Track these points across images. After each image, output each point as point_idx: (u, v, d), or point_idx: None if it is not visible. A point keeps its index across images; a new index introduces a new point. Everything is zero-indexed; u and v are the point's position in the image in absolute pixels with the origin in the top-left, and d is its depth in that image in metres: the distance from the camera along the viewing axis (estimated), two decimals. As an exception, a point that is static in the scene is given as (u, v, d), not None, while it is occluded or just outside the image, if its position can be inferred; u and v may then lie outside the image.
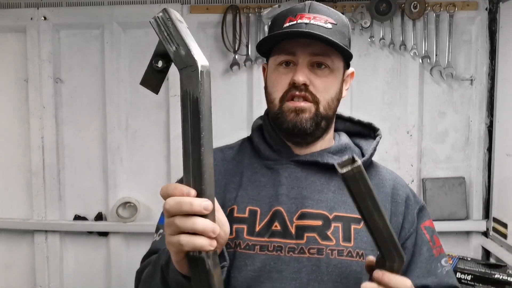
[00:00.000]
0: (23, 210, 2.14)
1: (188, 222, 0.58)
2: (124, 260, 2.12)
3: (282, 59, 0.91)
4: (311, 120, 0.90)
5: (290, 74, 0.90)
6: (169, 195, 0.60)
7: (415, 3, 1.91)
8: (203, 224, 0.59)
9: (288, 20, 0.92)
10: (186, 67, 0.58)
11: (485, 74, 1.98)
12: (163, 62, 0.61)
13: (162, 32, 0.60)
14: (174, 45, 0.59)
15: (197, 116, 0.57)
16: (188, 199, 0.58)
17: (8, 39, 2.09)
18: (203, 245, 0.59)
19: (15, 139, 2.13)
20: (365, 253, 0.89)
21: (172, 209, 0.59)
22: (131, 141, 2.09)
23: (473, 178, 2.01)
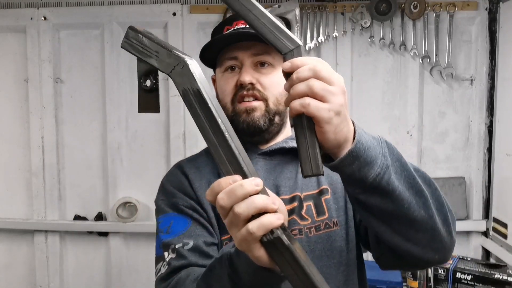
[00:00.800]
0: (23, 210, 2.15)
1: (247, 204, 0.55)
2: (124, 260, 2.12)
3: (227, 65, 0.96)
4: (263, 117, 0.93)
5: (236, 76, 0.94)
6: (217, 192, 0.57)
7: (415, 3, 1.91)
8: (261, 199, 0.56)
9: (226, 29, 0.97)
10: (174, 67, 0.58)
11: (485, 74, 1.98)
12: (150, 80, 0.62)
13: (138, 49, 0.59)
14: (154, 54, 0.58)
15: (206, 107, 0.57)
16: (238, 184, 0.56)
17: (8, 39, 2.09)
18: (272, 221, 0.56)
19: (15, 139, 2.13)
20: (338, 220, 0.93)
21: (226, 201, 0.56)
22: (131, 141, 2.09)
23: (473, 178, 2.01)
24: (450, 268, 1.69)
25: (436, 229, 0.72)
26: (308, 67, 0.61)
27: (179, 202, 0.94)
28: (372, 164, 0.65)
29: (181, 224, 0.91)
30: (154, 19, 2.01)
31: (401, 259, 0.77)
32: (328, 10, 1.95)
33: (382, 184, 0.66)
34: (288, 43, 0.62)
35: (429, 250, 0.74)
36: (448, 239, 0.75)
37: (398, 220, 0.71)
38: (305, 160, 0.60)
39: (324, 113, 0.59)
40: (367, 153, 0.64)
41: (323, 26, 1.96)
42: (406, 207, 0.69)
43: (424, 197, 0.71)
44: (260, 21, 0.62)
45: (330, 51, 1.99)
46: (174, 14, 2.00)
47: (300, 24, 1.94)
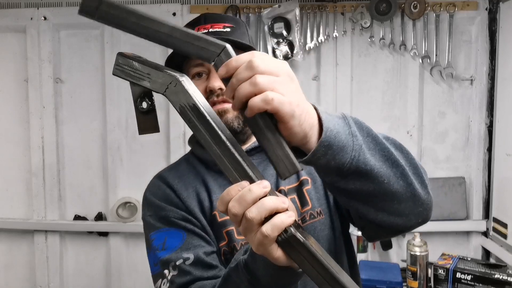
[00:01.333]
0: (23, 210, 2.15)
1: (257, 208, 0.56)
2: (124, 260, 2.12)
3: (193, 72, 0.95)
4: (236, 119, 0.93)
5: (204, 83, 0.93)
6: (228, 201, 0.57)
7: (415, 3, 1.91)
8: (271, 200, 0.56)
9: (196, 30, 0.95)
10: (168, 86, 0.58)
11: (485, 74, 1.98)
12: (146, 102, 0.61)
13: (129, 74, 0.60)
14: (146, 76, 0.59)
15: (204, 119, 0.58)
16: (246, 189, 0.56)
17: (8, 39, 2.09)
18: (283, 220, 0.56)
19: (15, 139, 2.13)
20: (322, 209, 0.93)
21: (237, 209, 0.56)
22: (131, 141, 2.09)
23: (473, 178, 2.01)
24: (450, 268, 1.69)
25: (416, 195, 0.71)
26: (245, 66, 0.55)
27: (170, 215, 0.91)
28: (345, 149, 0.62)
29: (176, 238, 0.89)
30: (154, 19, 2.01)
31: (384, 229, 0.76)
32: (328, 10, 1.95)
33: (359, 167, 0.64)
34: (212, 48, 0.58)
35: (412, 217, 0.73)
36: (428, 200, 0.73)
37: (380, 198, 0.69)
38: (277, 163, 0.57)
39: (287, 107, 0.55)
40: (338, 138, 0.61)
41: (323, 26, 1.96)
42: (386, 182, 0.67)
43: (400, 166, 0.69)
44: (173, 37, 0.58)
45: (330, 51, 1.99)
46: (174, 14, 2.00)
47: (300, 24, 1.94)
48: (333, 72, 1.99)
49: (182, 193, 0.94)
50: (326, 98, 1.98)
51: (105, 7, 0.57)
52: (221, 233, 0.92)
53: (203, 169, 0.98)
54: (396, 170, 0.68)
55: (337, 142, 0.61)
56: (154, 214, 0.94)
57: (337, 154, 0.61)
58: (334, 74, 1.99)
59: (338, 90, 1.99)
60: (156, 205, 0.94)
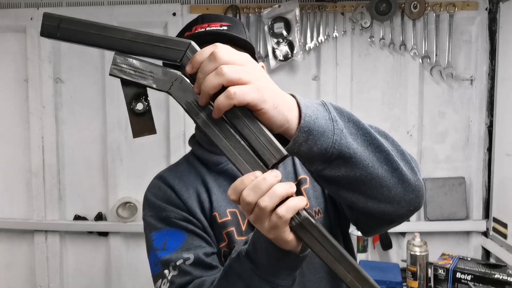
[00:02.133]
0: (23, 210, 2.14)
1: (270, 196, 0.57)
2: (124, 260, 2.12)
3: None
4: None
5: None
6: (241, 190, 0.58)
7: (415, 3, 1.91)
8: (282, 187, 0.58)
9: (186, 35, 0.94)
10: (172, 84, 0.58)
11: (485, 74, 1.98)
12: (142, 102, 0.60)
13: (129, 73, 0.59)
14: (148, 74, 0.58)
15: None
16: (260, 178, 0.57)
17: (8, 39, 2.09)
18: (297, 203, 0.58)
19: (15, 139, 2.13)
20: (320, 208, 0.93)
21: (252, 197, 0.57)
22: (131, 141, 2.09)
23: (473, 178, 2.01)
24: (450, 268, 1.69)
25: (405, 180, 0.70)
26: (208, 60, 0.54)
27: (170, 215, 0.91)
28: (326, 133, 0.61)
29: (177, 239, 0.89)
30: (154, 19, 2.02)
31: (377, 219, 0.75)
32: (328, 10, 1.95)
33: (342, 151, 0.63)
34: (177, 47, 0.57)
35: (403, 204, 0.72)
36: (419, 186, 0.72)
37: (367, 184, 0.68)
38: (262, 150, 0.57)
39: (253, 93, 0.54)
40: (317, 123, 0.61)
41: (323, 26, 1.96)
42: (371, 166, 0.66)
43: (385, 151, 0.68)
44: (139, 42, 0.57)
45: (330, 51, 1.99)
46: (174, 14, 2.00)
47: (300, 24, 1.94)
48: (333, 72, 1.99)
49: (183, 193, 0.93)
50: (326, 98, 1.95)
51: (65, 24, 0.56)
52: (221, 234, 0.92)
53: (204, 169, 0.98)
54: (379, 155, 0.67)
55: (317, 127, 0.60)
56: (155, 214, 0.94)
57: (318, 139, 0.61)
58: (334, 74, 1.99)
59: (338, 90, 1.99)
60: (157, 205, 0.94)
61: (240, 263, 0.72)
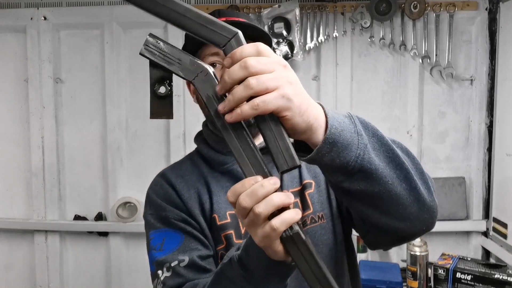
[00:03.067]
0: (23, 210, 2.15)
1: (266, 203, 0.57)
2: (124, 260, 2.12)
3: (209, 62, 0.91)
4: None
5: (218, 73, 0.90)
6: (240, 193, 0.59)
7: (415, 3, 1.91)
8: (279, 197, 0.58)
9: None
10: (197, 75, 0.59)
11: (485, 74, 1.98)
12: (165, 86, 0.61)
13: (157, 56, 0.60)
14: (176, 61, 0.59)
15: None
16: (258, 184, 0.58)
17: (8, 39, 2.09)
18: (293, 216, 0.58)
19: (15, 139, 2.13)
20: (324, 213, 0.92)
21: (247, 202, 0.58)
22: (131, 141, 2.09)
23: (473, 178, 2.01)
24: (450, 268, 1.69)
25: (421, 199, 0.70)
26: (239, 66, 0.55)
27: (170, 216, 0.91)
28: (350, 147, 0.62)
29: (174, 240, 0.89)
30: (154, 19, 1.98)
31: (388, 235, 0.76)
32: (328, 10, 1.95)
33: (364, 165, 0.63)
34: (224, 33, 0.57)
35: (416, 223, 0.72)
36: (433, 206, 0.72)
37: (385, 200, 0.68)
38: (277, 154, 0.57)
39: (277, 101, 0.55)
40: (342, 135, 0.61)
41: (323, 26, 1.96)
42: (390, 183, 0.66)
43: (405, 169, 0.68)
44: (187, 17, 0.57)
45: (330, 51, 1.99)
46: (174, 14, 1.99)
47: (300, 24, 1.94)
48: (333, 72, 1.99)
49: (184, 193, 0.93)
50: (326, 98, 1.98)
51: None
52: (219, 236, 0.91)
53: (207, 169, 0.98)
54: (400, 172, 0.68)
55: (342, 139, 0.61)
56: (155, 213, 0.94)
57: (341, 152, 0.61)
58: (334, 74, 1.99)
59: (338, 90, 1.99)
60: (157, 204, 0.94)
61: (232, 269, 0.72)
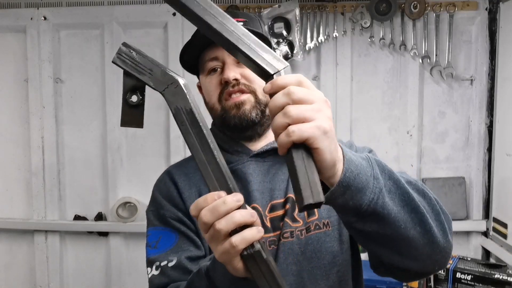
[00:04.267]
0: (23, 210, 2.14)
1: (226, 221, 0.57)
2: (124, 260, 2.12)
3: (209, 68, 0.94)
4: (254, 109, 0.91)
5: (219, 76, 0.92)
6: (202, 208, 0.59)
7: (415, 3, 1.91)
8: (241, 214, 0.58)
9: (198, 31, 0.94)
10: (168, 86, 0.60)
11: (485, 74, 1.98)
12: (137, 96, 0.61)
13: (129, 65, 0.60)
14: (147, 71, 0.60)
15: (197, 125, 0.60)
16: (221, 200, 0.58)
17: (8, 39, 2.09)
18: (254, 235, 0.58)
19: (15, 139, 2.13)
20: (330, 220, 0.92)
21: (208, 218, 0.58)
22: (131, 141, 2.09)
23: (473, 178, 2.01)
24: (450, 268, 1.69)
25: (435, 242, 0.70)
26: (282, 93, 0.56)
27: (167, 214, 0.93)
28: (364, 190, 0.62)
29: (169, 240, 0.91)
30: (154, 19, 2.02)
31: (399, 272, 0.77)
32: (328, 10, 1.95)
33: (377, 210, 0.63)
34: (276, 64, 0.58)
35: (429, 263, 0.73)
36: (447, 248, 0.73)
37: (397, 242, 0.69)
38: (304, 187, 0.54)
39: (312, 130, 0.55)
40: (357, 179, 0.61)
41: (323, 26, 1.96)
42: (403, 227, 0.67)
43: (420, 212, 0.68)
44: (244, 41, 0.57)
45: (330, 51, 1.99)
46: (174, 14, 2.00)
47: (300, 24, 1.94)
48: (333, 72, 1.99)
49: (185, 192, 0.93)
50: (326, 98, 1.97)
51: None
52: None
53: None
54: (414, 215, 0.68)
55: (357, 183, 0.61)
56: (155, 210, 0.95)
57: (355, 195, 0.62)
58: (334, 74, 1.99)
59: (338, 90, 1.99)
60: (158, 201, 0.95)
61: (200, 280, 0.73)
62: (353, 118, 2.01)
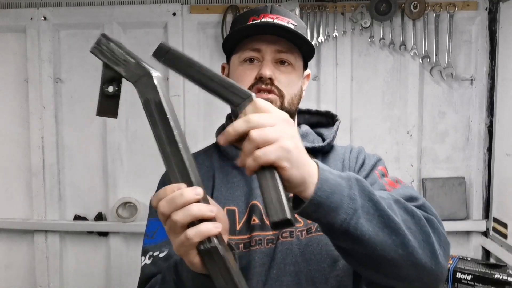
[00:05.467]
0: (23, 210, 2.14)
1: (183, 212, 0.58)
2: (124, 260, 2.12)
3: (247, 56, 0.92)
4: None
5: (255, 69, 0.91)
6: (161, 198, 0.60)
7: (415, 3, 1.91)
8: (198, 207, 0.58)
9: (251, 20, 0.93)
10: (140, 78, 0.61)
11: (485, 74, 1.98)
12: (113, 86, 0.63)
13: (106, 55, 0.62)
14: (121, 63, 0.61)
15: (165, 118, 0.61)
16: (178, 192, 0.59)
17: (8, 39, 2.09)
18: (209, 229, 0.58)
19: (15, 139, 2.12)
20: None
21: (166, 208, 0.59)
22: (131, 141, 2.09)
23: (473, 178, 2.01)
24: (450, 268, 1.69)
25: (420, 265, 0.68)
26: (242, 120, 0.59)
27: None
28: (337, 210, 0.62)
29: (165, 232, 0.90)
30: (154, 19, 2.02)
31: None
32: (328, 10, 1.95)
33: (349, 230, 0.63)
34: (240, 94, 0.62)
35: (418, 285, 0.72)
36: (437, 270, 0.71)
37: (377, 262, 0.67)
38: (269, 205, 0.56)
39: (277, 152, 0.57)
40: (331, 198, 0.61)
41: (323, 26, 1.96)
42: (380, 249, 0.65)
43: (401, 235, 0.66)
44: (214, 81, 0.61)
45: (330, 51, 1.99)
46: (174, 14, 2.00)
47: (300, 24, 1.94)
48: (333, 72, 1.99)
49: None
50: (326, 98, 1.98)
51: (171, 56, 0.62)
52: None
53: (218, 162, 0.98)
54: (396, 238, 0.66)
55: (329, 202, 0.61)
56: None
57: (327, 214, 0.62)
58: (334, 74, 1.99)
59: (338, 90, 1.99)
60: None
61: (170, 273, 0.75)
62: (353, 118, 2.01)
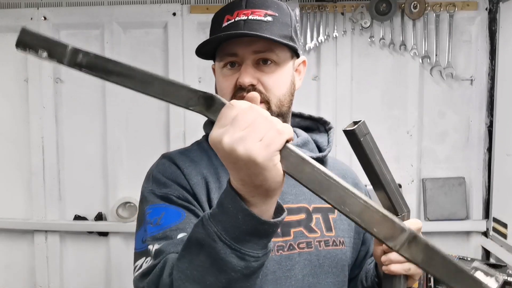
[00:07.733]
0: (23, 210, 2.14)
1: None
2: (124, 260, 2.12)
3: (226, 61, 0.88)
4: None
5: (235, 75, 0.86)
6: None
7: (415, 3, 1.91)
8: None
9: (226, 19, 0.87)
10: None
11: (485, 74, 1.98)
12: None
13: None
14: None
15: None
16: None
17: (8, 39, 2.09)
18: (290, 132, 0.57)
19: (15, 139, 2.12)
20: (345, 240, 0.92)
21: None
22: (131, 141, 2.09)
23: (473, 178, 2.01)
24: (450, 268, 1.69)
25: None
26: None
27: (173, 193, 0.85)
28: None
29: (173, 217, 0.81)
30: (154, 19, 2.02)
31: None
32: (328, 10, 1.95)
33: None
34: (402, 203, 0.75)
35: None
36: None
37: None
38: None
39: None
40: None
41: (323, 26, 1.96)
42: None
43: None
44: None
45: (330, 51, 1.99)
46: (174, 14, 2.00)
47: (300, 24, 1.94)
48: (333, 72, 1.99)
49: (192, 178, 0.87)
50: (326, 98, 1.98)
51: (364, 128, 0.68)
52: None
53: (216, 157, 0.89)
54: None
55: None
56: (157, 189, 0.87)
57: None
58: (334, 74, 1.99)
59: (338, 90, 1.99)
60: (162, 182, 0.87)
61: (203, 228, 0.61)
62: (353, 118, 2.00)
